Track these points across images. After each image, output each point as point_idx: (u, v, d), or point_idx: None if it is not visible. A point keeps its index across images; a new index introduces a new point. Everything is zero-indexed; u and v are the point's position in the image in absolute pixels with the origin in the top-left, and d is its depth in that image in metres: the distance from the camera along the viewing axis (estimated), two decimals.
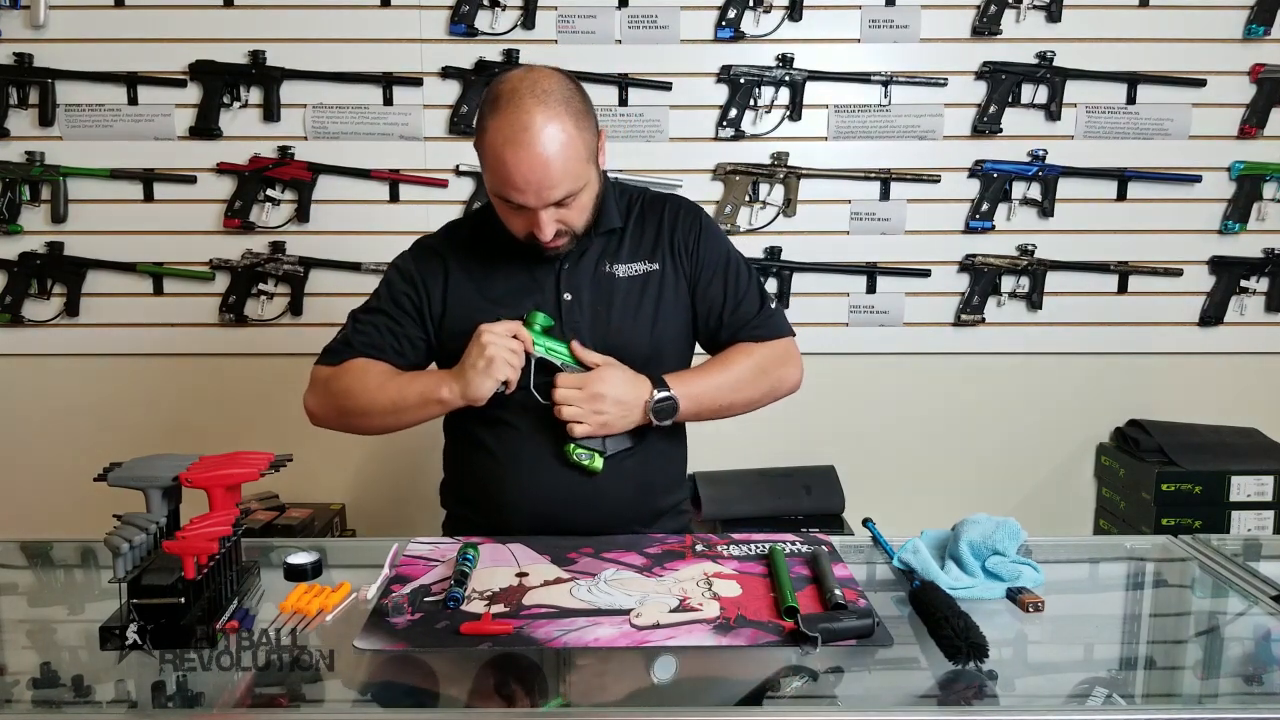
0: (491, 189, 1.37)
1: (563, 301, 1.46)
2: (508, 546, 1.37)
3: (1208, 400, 2.57)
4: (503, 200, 1.36)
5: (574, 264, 1.48)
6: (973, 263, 2.51)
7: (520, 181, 1.31)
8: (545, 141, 1.28)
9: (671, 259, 1.51)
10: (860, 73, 2.45)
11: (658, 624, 1.12)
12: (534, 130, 1.28)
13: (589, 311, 1.47)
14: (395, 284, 1.51)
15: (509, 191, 1.33)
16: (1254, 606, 1.22)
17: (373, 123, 2.45)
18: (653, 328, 1.49)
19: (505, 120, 1.29)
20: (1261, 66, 2.43)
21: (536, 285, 1.47)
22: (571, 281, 1.47)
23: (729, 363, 1.52)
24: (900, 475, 2.60)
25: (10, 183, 2.44)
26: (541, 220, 1.35)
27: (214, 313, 2.51)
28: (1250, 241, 2.52)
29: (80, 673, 1.05)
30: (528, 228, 1.37)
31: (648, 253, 1.51)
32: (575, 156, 1.32)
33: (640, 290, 1.49)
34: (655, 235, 1.52)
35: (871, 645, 1.08)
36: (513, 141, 1.29)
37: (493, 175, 1.34)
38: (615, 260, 1.50)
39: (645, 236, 1.52)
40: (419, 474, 2.59)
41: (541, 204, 1.33)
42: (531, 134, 1.28)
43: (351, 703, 1.03)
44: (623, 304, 1.48)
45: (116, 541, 1.02)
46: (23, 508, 2.54)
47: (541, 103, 1.29)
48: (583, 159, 1.34)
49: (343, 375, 1.48)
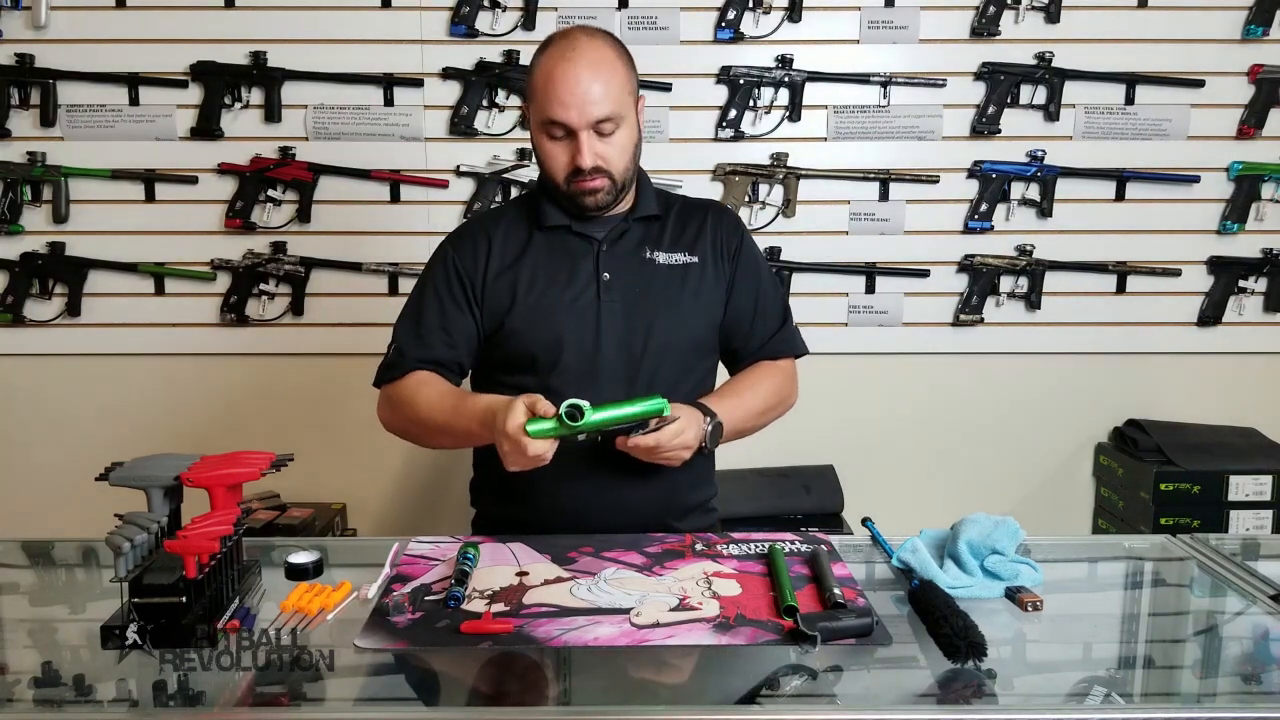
0: (537, 121, 1.43)
1: (601, 281, 1.48)
2: (508, 546, 1.37)
3: (1206, 400, 2.57)
4: (547, 133, 1.42)
5: (612, 245, 1.51)
6: (971, 263, 2.52)
7: (566, 94, 1.38)
8: (592, 57, 1.40)
9: (713, 257, 1.56)
10: (859, 74, 2.45)
11: (657, 623, 1.12)
12: (581, 48, 1.40)
13: (626, 293, 1.49)
14: (438, 277, 1.53)
15: (554, 109, 1.38)
16: (1252, 606, 1.22)
17: (373, 123, 2.45)
18: (689, 319, 1.52)
19: (555, 46, 1.42)
20: (1260, 67, 2.43)
21: (576, 264, 1.50)
22: (610, 262, 1.50)
23: (756, 386, 1.56)
24: (899, 475, 2.60)
25: (12, 183, 2.44)
26: (582, 144, 1.40)
27: (215, 313, 2.51)
28: (1249, 242, 2.52)
29: (81, 672, 1.05)
30: (569, 163, 1.42)
31: (688, 245, 1.55)
32: (618, 80, 1.41)
33: (680, 280, 1.52)
34: (698, 231, 1.57)
35: (870, 644, 1.08)
36: (561, 58, 1.39)
37: (540, 99, 1.41)
38: (656, 248, 1.54)
39: (687, 230, 1.57)
40: (419, 474, 2.60)
41: (585, 122, 1.39)
42: (579, 50, 1.40)
43: (352, 702, 1.03)
44: (661, 291, 1.51)
45: (118, 541, 1.02)
46: (23, 507, 2.54)
47: (589, 33, 1.44)
48: (625, 88, 1.43)
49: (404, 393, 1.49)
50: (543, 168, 1.48)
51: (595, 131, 1.41)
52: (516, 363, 1.51)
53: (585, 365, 1.48)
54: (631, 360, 1.49)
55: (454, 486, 2.61)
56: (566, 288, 1.49)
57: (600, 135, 1.41)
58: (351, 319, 2.52)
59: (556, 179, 1.45)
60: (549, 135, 1.43)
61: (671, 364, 1.51)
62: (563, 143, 1.43)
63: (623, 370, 1.48)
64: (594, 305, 1.48)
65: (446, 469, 2.58)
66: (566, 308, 1.48)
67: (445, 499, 2.60)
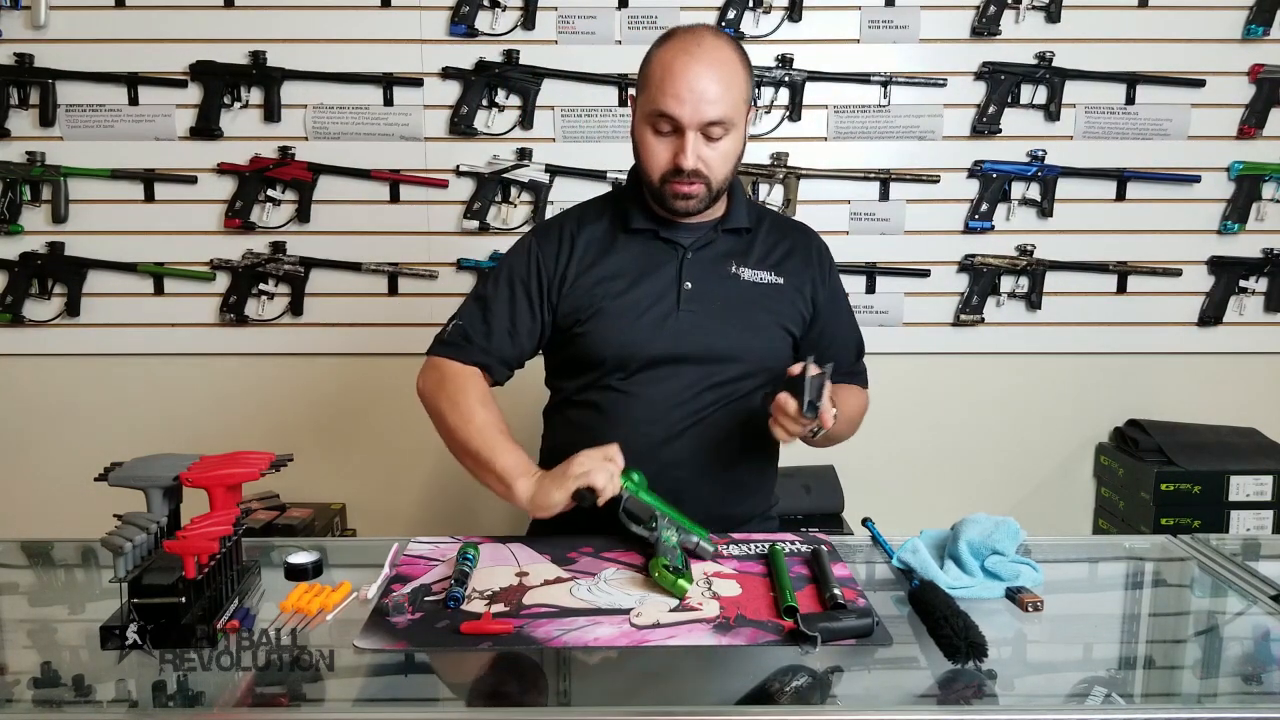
0: (646, 112, 1.40)
1: (683, 290, 1.47)
2: (508, 546, 1.37)
3: (1207, 400, 2.57)
4: (653, 126, 1.39)
5: (697, 254, 1.49)
6: (972, 263, 2.52)
7: (684, 89, 1.34)
8: (716, 56, 1.36)
9: (797, 281, 1.53)
10: (860, 73, 2.45)
11: (657, 623, 1.12)
12: (707, 45, 1.37)
13: (706, 304, 1.47)
14: (518, 269, 1.51)
15: (668, 101, 1.35)
16: (1253, 606, 1.22)
17: (373, 123, 2.45)
18: (764, 339, 1.51)
19: (679, 40, 1.38)
20: (1261, 67, 2.43)
21: (658, 269, 1.48)
22: (693, 271, 1.48)
23: (855, 400, 1.61)
24: (900, 475, 2.60)
25: (11, 183, 2.44)
26: (688, 143, 1.37)
27: (214, 313, 2.51)
28: (1249, 241, 2.52)
29: (81, 672, 1.05)
30: (671, 160, 1.39)
31: (775, 264, 1.53)
32: (737, 84, 1.38)
33: (762, 299, 1.50)
34: (786, 252, 1.55)
35: (871, 645, 1.08)
36: (686, 51, 1.36)
37: (654, 90, 1.37)
38: (743, 263, 1.51)
39: (776, 250, 1.54)
40: (419, 474, 2.60)
41: (696, 121, 1.36)
42: (704, 48, 1.37)
43: (351, 703, 1.03)
44: (741, 307, 1.49)
45: (117, 541, 1.02)
46: (23, 508, 2.54)
47: (715, 32, 1.41)
48: (741, 94, 1.39)
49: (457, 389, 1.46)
50: (640, 162, 1.44)
51: (703, 134, 1.37)
52: (585, 363, 1.49)
53: (657, 373, 1.46)
54: (704, 373, 1.47)
55: (454, 487, 2.61)
56: (646, 294, 1.46)
57: (707, 139, 1.38)
58: (351, 319, 2.52)
59: (652, 175, 1.42)
60: (655, 129, 1.39)
61: (742, 381, 1.50)
62: (668, 139, 1.39)
63: (692, 381, 1.47)
64: (672, 314, 1.46)
65: (446, 469, 2.58)
66: (644, 314, 1.46)
67: (445, 499, 2.60)
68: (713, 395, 1.48)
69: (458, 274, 2.51)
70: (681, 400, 1.47)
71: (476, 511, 2.58)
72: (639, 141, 1.43)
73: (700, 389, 1.47)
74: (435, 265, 2.50)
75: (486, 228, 2.48)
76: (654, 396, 1.46)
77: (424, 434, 2.72)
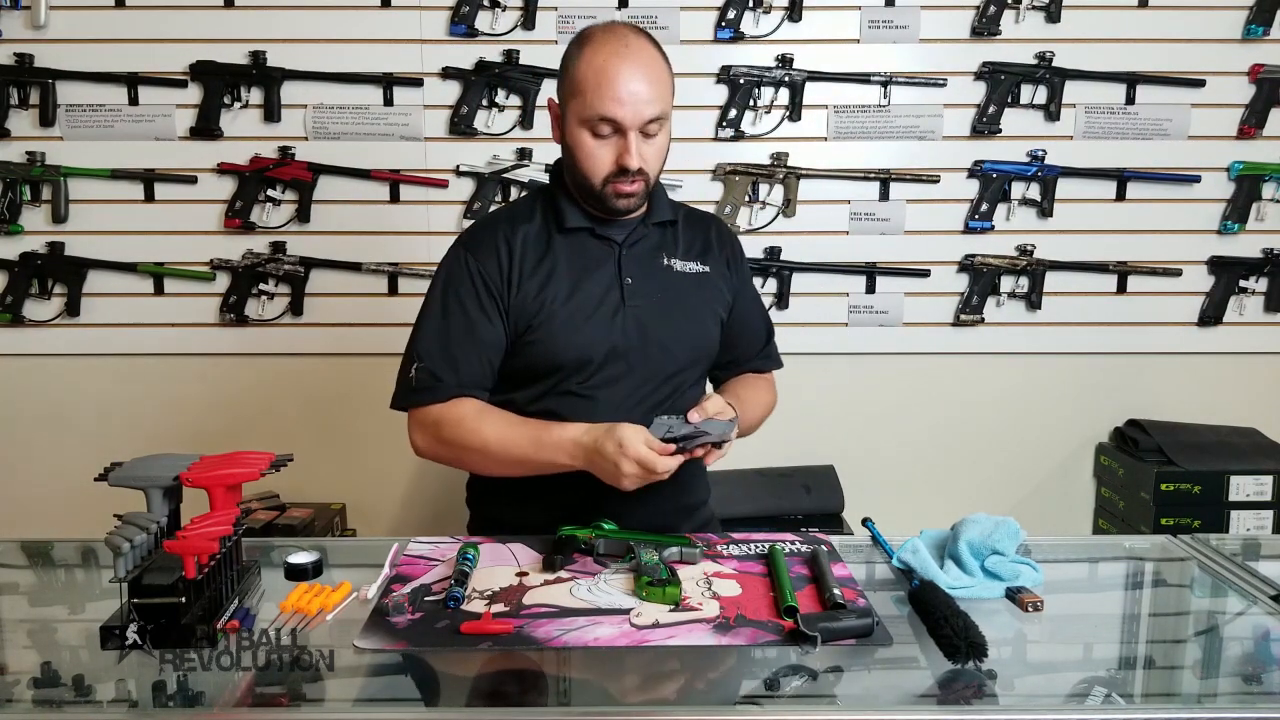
0: (584, 116, 1.38)
1: (625, 285, 1.47)
2: (507, 546, 1.37)
3: (1207, 400, 2.57)
4: (592, 131, 1.38)
5: (630, 249, 1.49)
6: (972, 263, 2.52)
7: (624, 92, 1.35)
8: (646, 56, 1.38)
9: (718, 268, 1.56)
10: (860, 73, 2.45)
11: (657, 623, 1.12)
12: (635, 46, 1.38)
13: (648, 298, 1.48)
14: (461, 288, 1.46)
15: (608, 105, 1.35)
16: (1253, 606, 1.22)
17: (373, 123, 2.45)
18: (703, 327, 1.53)
19: (605, 41, 1.38)
20: (1261, 67, 2.43)
21: (598, 267, 1.47)
22: (631, 266, 1.48)
23: (757, 398, 1.60)
24: (900, 475, 2.60)
25: (11, 183, 2.44)
26: (631, 143, 1.37)
27: (214, 313, 2.51)
28: (1249, 241, 2.52)
29: (81, 672, 1.05)
30: (613, 162, 1.39)
31: (699, 254, 1.55)
32: (665, 80, 1.40)
33: (695, 288, 1.53)
34: (704, 242, 1.57)
35: (871, 645, 1.08)
36: (617, 54, 1.36)
37: (592, 94, 1.36)
38: (672, 254, 1.53)
39: (696, 240, 1.57)
40: (419, 474, 2.60)
41: (637, 121, 1.37)
42: (634, 49, 1.38)
43: (351, 703, 1.03)
44: (679, 298, 1.50)
45: (117, 541, 1.02)
46: (23, 508, 2.54)
47: (636, 31, 1.41)
48: (669, 87, 1.41)
49: (456, 425, 1.42)
50: (578, 167, 1.42)
51: (641, 132, 1.38)
52: (539, 371, 1.46)
53: (612, 372, 1.46)
54: (655, 367, 1.48)
55: (454, 487, 2.60)
56: (591, 293, 1.46)
57: (645, 136, 1.39)
58: (351, 319, 2.52)
59: (594, 179, 1.41)
60: (594, 133, 1.38)
61: (688, 371, 1.53)
62: (608, 141, 1.38)
63: (646, 376, 1.48)
64: (619, 310, 1.46)
65: (446, 470, 2.57)
66: (593, 314, 1.45)
67: (445, 499, 2.60)
68: (667, 388, 1.50)
69: None
70: (641, 397, 1.47)
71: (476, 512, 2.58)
72: (575, 147, 1.41)
73: (656, 383, 1.49)
74: (435, 265, 2.50)
75: None
76: (614, 396, 1.45)
77: None
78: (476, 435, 1.41)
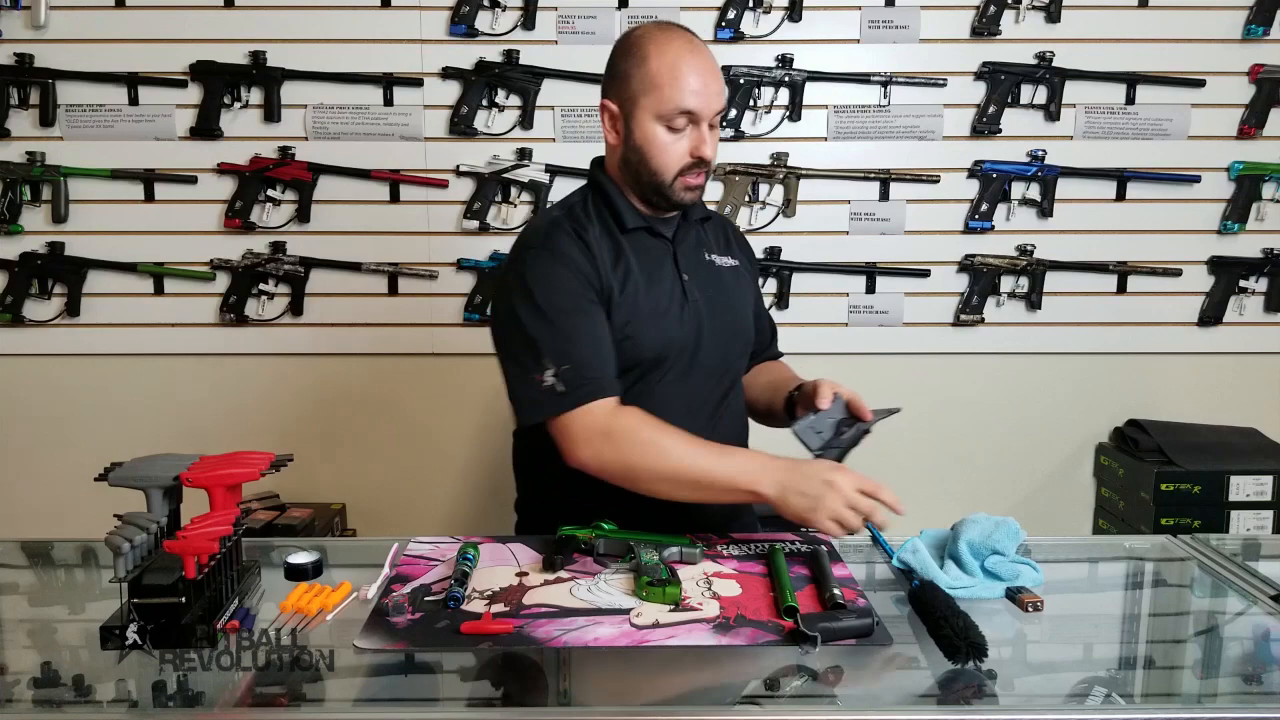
0: (661, 110, 1.39)
1: (684, 282, 1.48)
2: (508, 546, 1.37)
3: (1207, 400, 2.57)
4: (668, 125, 1.40)
5: (680, 247, 1.51)
6: (972, 263, 2.52)
7: (700, 84, 1.38)
8: (707, 51, 1.42)
9: (743, 262, 1.62)
10: (860, 73, 2.45)
11: (657, 623, 1.12)
12: (696, 42, 1.42)
13: (704, 293, 1.50)
14: (570, 287, 1.38)
15: (687, 97, 1.38)
16: (1253, 606, 1.22)
17: (373, 123, 2.45)
18: (746, 320, 1.59)
19: (671, 39, 1.41)
20: (1261, 67, 2.43)
21: (661, 264, 1.48)
22: (685, 262, 1.51)
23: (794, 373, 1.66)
24: (900, 475, 2.57)
25: (11, 183, 2.44)
26: (706, 134, 1.41)
27: (214, 313, 2.51)
28: (1249, 241, 2.52)
29: (81, 672, 1.05)
30: (687, 154, 1.41)
31: (726, 248, 1.60)
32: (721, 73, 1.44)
33: (734, 282, 1.57)
34: (725, 237, 1.62)
35: (871, 645, 1.08)
36: (688, 49, 1.40)
37: (669, 88, 1.38)
38: (711, 250, 1.56)
39: (721, 235, 1.61)
40: (419, 474, 2.60)
41: (711, 112, 1.40)
42: (697, 44, 1.42)
43: (351, 703, 1.03)
44: (726, 292, 1.54)
45: (117, 541, 1.02)
46: (23, 508, 2.54)
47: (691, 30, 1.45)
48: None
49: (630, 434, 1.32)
50: (650, 162, 1.41)
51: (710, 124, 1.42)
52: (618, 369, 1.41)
53: (684, 368, 1.47)
54: (715, 362, 1.50)
55: (454, 487, 2.61)
56: (661, 290, 1.46)
57: (710, 128, 1.43)
58: (351, 319, 2.52)
59: (665, 172, 1.42)
60: (670, 127, 1.40)
61: (739, 364, 1.58)
62: (682, 134, 1.40)
63: (712, 371, 1.50)
64: (685, 306, 1.47)
65: (446, 469, 2.58)
66: (666, 310, 1.45)
67: (445, 499, 2.60)
68: (725, 382, 1.53)
69: (458, 274, 2.51)
70: (705, 394, 1.50)
71: (477, 512, 2.58)
72: (647, 141, 1.41)
73: (716, 378, 1.51)
74: (435, 265, 2.50)
75: (486, 228, 2.48)
76: (679, 393, 1.46)
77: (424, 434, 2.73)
78: (656, 445, 1.31)
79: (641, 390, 1.44)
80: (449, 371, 2.55)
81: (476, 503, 2.58)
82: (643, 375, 1.45)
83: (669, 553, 1.29)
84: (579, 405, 1.33)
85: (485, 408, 2.56)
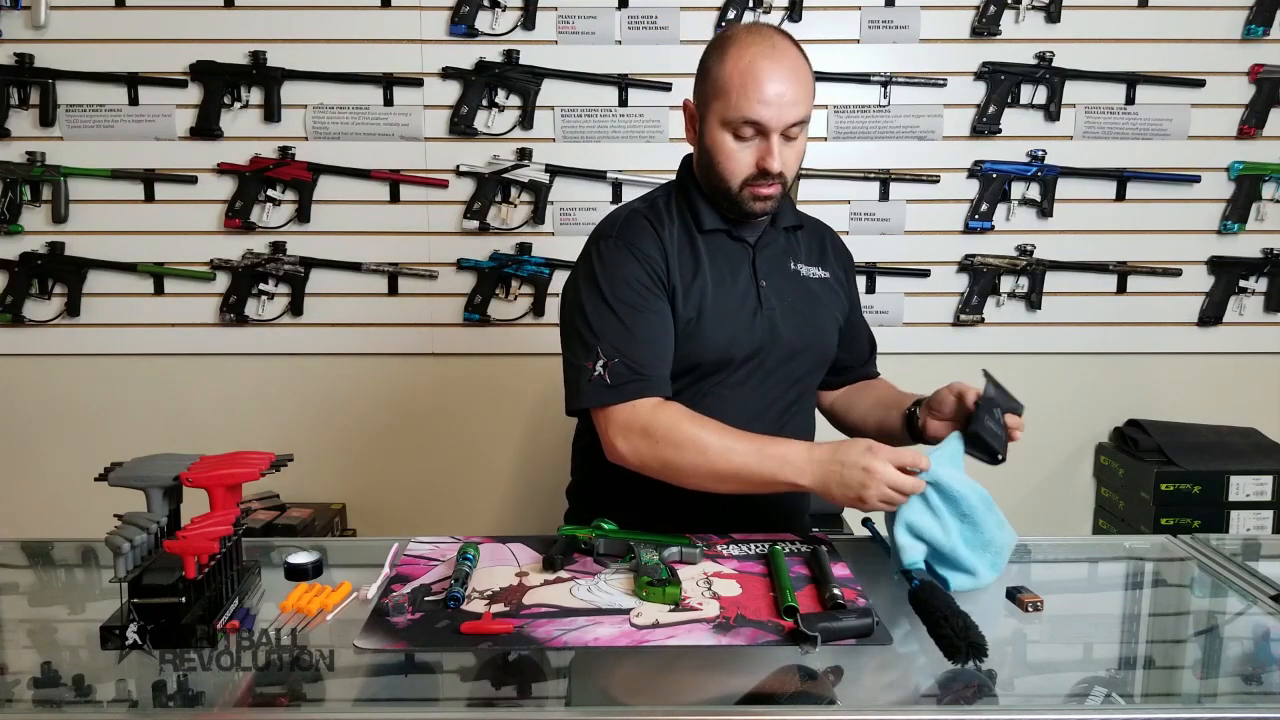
0: (727, 117, 1.35)
1: (760, 289, 1.46)
2: (508, 546, 1.37)
3: (1207, 400, 2.57)
4: (734, 133, 1.36)
5: (762, 253, 1.48)
6: (972, 263, 2.52)
7: (772, 93, 1.32)
8: (791, 58, 1.35)
9: (836, 274, 1.57)
10: (859, 73, 2.45)
11: (657, 623, 1.12)
12: (780, 48, 1.35)
13: (781, 301, 1.47)
14: (637, 279, 1.38)
15: (755, 107, 1.32)
16: (1253, 606, 1.22)
17: (373, 123, 2.45)
18: (827, 333, 1.54)
19: (751, 43, 1.34)
20: (1260, 67, 2.43)
21: (737, 268, 1.46)
22: (764, 268, 1.48)
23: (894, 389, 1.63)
24: None
25: (11, 183, 2.44)
26: (774, 146, 1.35)
27: (214, 313, 2.51)
28: (1249, 241, 2.53)
29: (81, 672, 1.05)
30: (753, 164, 1.37)
31: (818, 260, 1.56)
32: (809, 83, 1.37)
33: (819, 294, 1.53)
34: (821, 248, 1.58)
35: (871, 644, 1.08)
36: (764, 55, 1.33)
37: (737, 96, 1.33)
38: (798, 259, 1.53)
39: (814, 245, 1.57)
40: (419, 474, 2.60)
41: (781, 124, 1.34)
42: (781, 50, 1.35)
43: (352, 702, 1.03)
44: (807, 302, 1.51)
45: (117, 541, 1.02)
46: (23, 508, 2.54)
47: (780, 32, 1.38)
48: (812, 91, 1.38)
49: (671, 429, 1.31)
50: (716, 169, 1.39)
51: (783, 135, 1.35)
52: (677, 369, 1.41)
53: (747, 374, 1.46)
54: (785, 371, 1.48)
55: (454, 487, 2.61)
56: (734, 293, 1.45)
57: (786, 139, 1.36)
58: (351, 319, 2.52)
59: (731, 181, 1.38)
60: (737, 135, 1.36)
61: (813, 375, 1.55)
62: (749, 144, 1.36)
63: (780, 380, 1.48)
64: (758, 312, 1.45)
65: (446, 469, 2.58)
66: (736, 313, 1.44)
67: (445, 499, 2.60)
68: (793, 393, 1.51)
69: (458, 274, 2.51)
70: (770, 400, 1.48)
71: (476, 511, 2.58)
72: (715, 147, 1.38)
73: (784, 386, 1.49)
74: (435, 265, 2.50)
75: (486, 228, 2.48)
76: (744, 397, 1.45)
77: (424, 434, 2.72)
78: (695, 442, 1.30)
79: (702, 390, 1.43)
80: (449, 372, 2.55)
81: (477, 502, 2.59)
82: (704, 376, 1.44)
83: (669, 553, 1.29)
84: (623, 401, 1.33)
85: (485, 407, 2.56)
